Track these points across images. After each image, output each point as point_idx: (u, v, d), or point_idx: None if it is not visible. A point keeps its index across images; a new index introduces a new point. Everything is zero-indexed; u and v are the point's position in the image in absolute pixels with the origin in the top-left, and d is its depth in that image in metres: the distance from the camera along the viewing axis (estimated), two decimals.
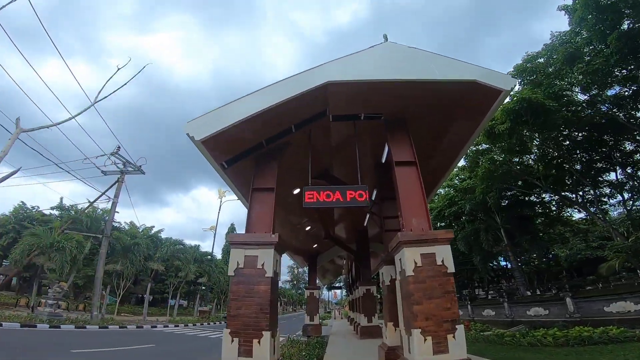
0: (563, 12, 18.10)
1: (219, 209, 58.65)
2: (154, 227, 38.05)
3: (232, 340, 4.91)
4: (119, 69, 9.93)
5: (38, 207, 34.95)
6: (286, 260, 34.10)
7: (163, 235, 37.82)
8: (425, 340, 4.60)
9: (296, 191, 9.96)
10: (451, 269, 4.92)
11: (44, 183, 35.74)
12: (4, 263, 33.11)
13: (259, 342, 4.86)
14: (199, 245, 40.19)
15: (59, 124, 10.51)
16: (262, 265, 5.42)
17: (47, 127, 10.33)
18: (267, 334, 4.94)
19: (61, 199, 35.41)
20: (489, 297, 33.79)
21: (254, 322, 4.97)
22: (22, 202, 34.26)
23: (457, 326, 4.70)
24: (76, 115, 10.46)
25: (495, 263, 36.15)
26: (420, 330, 4.62)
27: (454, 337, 4.67)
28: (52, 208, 33.47)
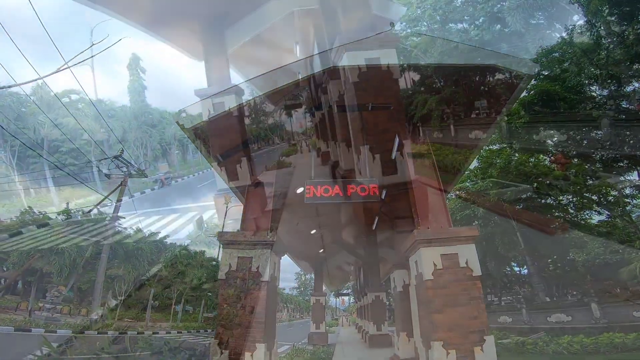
0: (576, 5, 17.53)
1: (225, 215, 58.11)
2: (159, 233, 37.88)
3: (221, 353, 4.23)
4: (93, 45, 9.54)
5: (45, 212, 35.04)
6: (294, 267, 33.56)
7: (169, 241, 37.57)
8: (447, 354, 3.89)
9: (299, 190, 9.39)
10: (477, 271, 4.20)
11: (50, 187, 35.83)
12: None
13: (251, 355, 4.18)
14: (204, 251, 39.76)
15: (23, 84, 9.84)
16: (257, 268, 4.75)
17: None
18: (261, 347, 4.22)
19: (67, 203, 35.51)
20: (502, 303, 32.73)
21: (246, 332, 4.28)
22: (29, 207, 34.39)
23: (485, 337, 3.98)
24: (45, 77, 9.81)
25: (508, 269, 35.11)
26: (441, 342, 3.91)
27: (481, 349, 3.95)
28: (58, 213, 33.53)
